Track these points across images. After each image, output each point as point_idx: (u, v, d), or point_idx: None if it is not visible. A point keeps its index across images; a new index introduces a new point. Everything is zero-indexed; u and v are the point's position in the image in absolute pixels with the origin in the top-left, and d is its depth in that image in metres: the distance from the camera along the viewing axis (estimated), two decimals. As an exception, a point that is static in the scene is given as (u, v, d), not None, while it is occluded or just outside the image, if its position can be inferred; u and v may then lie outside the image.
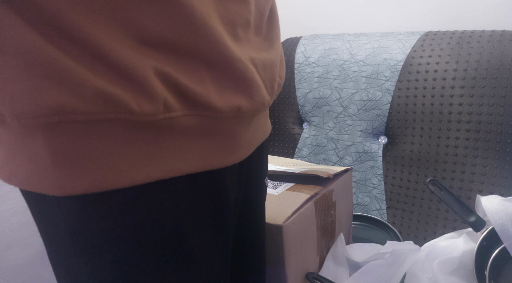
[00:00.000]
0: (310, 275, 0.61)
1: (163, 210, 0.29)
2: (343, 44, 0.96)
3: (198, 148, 0.30)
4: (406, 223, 0.85)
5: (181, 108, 0.27)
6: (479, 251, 0.59)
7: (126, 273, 0.29)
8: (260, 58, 0.34)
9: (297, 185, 0.64)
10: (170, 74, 0.26)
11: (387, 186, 0.88)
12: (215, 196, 0.34)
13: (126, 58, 0.24)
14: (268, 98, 0.35)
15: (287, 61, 1.03)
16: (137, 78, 0.25)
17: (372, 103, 0.89)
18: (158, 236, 0.29)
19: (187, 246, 0.31)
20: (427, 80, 0.82)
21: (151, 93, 0.25)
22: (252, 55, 0.32)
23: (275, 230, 0.54)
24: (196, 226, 0.32)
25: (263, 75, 0.34)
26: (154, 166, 0.27)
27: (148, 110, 0.25)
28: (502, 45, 0.76)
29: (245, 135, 0.35)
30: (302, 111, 1.01)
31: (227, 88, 0.30)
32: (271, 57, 0.36)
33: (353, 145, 0.93)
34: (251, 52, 0.33)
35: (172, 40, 0.26)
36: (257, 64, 0.33)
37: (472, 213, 0.63)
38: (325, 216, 0.64)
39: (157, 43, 0.25)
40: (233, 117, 0.31)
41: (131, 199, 0.28)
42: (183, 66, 0.27)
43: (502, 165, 0.75)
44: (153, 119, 0.26)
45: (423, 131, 0.83)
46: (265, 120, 0.43)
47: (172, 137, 0.28)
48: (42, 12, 0.22)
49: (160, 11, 0.25)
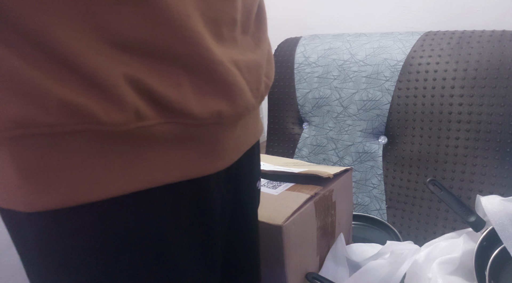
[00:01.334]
0: (310, 275, 0.61)
1: (142, 222, 0.28)
2: (343, 44, 0.96)
3: (177, 157, 0.28)
4: (406, 223, 0.85)
5: (155, 116, 0.26)
6: (479, 251, 0.59)
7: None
8: (244, 59, 0.32)
9: (297, 185, 0.64)
10: (143, 81, 0.25)
11: (387, 186, 0.88)
12: (199, 204, 0.32)
13: (94, 65, 0.23)
14: (252, 102, 0.33)
15: (287, 61, 1.03)
16: (106, 86, 0.23)
17: (372, 103, 0.89)
18: (137, 250, 0.28)
19: (170, 258, 0.30)
20: (427, 80, 0.82)
21: (121, 102, 0.24)
22: (236, 57, 0.31)
23: (275, 230, 0.54)
24: (179, 236, 0.31)
25: (247, 78, 0.32)
26: (128, 178, 0.26)
27: (118, 120, 0.24)
28: (502, 45, 0.76)
29: (230, 140, 0.33)
30: (302, 111, 1.01)
31: (207, 93, 0.28)
32: (256, 58, 0.35)
33: (353, 145, 0.93)
34: (235, 53, 0.31)
35: (147, 43, 0.25)
36: (241, 66, 0.32)
37: (472, 213, 0.63)
38: (325, 216, 0.64)
39: (131, 47, 0.24)
40: (215, 123, 0.30)
41: (106, 212, 0.26)
42: (158, 71, 0.25)
43: (502, 165, 0.75)
44: (125, 129, 0.25)
45: (423, 131, 0.83)
46: (254, 123, 0.41)
47: (147, 147, 0.27)
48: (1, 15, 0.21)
49: (133, 12, 0.23)
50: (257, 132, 0.43)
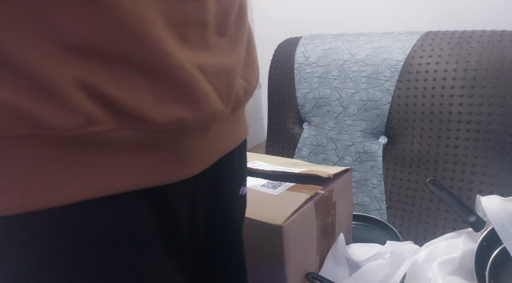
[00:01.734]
0: (310, 275, 0.61)
1: (98, 230, 0.27)
2: (343, 44, 0.96)
3: (135, 164, 0.27)
4: (406, 223, 0.85)
5: (110, 121, 0.25)
6: (479, 251, 0.59)
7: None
8: (213, 64, 0.31)
9: (297, 185, 0.64)
10: (96, 85, 0.24)
11: (387, 186, 0.88)
12: (162, 213, 0.31)
13: (42, 67, 0.22)
14: (221, 108, 0.32)
15: (287, 61, 1.03)
16: (54, 90, 0.22)
17: (372, 103, 0.89)
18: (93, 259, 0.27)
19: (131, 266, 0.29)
20: (427, 80, 0.82)
21: (70, 106, 0.23)
22: (202, 61, 0.30)
23: (275, 230, 0.54)
24: (140, 245, 0.29)
25: (215, 83, 0.31)
26: (80, 185, 0.25)
27: (67, 125, 0.23)
28: (502, 45, 0.76)
29: (197, 147, 0.32)
30: (302, 111, 1.01)
31: (167, 98, 0.27)
32: (229, 62, 0.33)
33: (353, 145, 0.93)
34: (203, 57, 0.30)
35: (101, 47, 0.23)
36: (208, 71, 0.30)
37: (472, 213, 0.63)
38: (325, 216, 0.64)
39: (83, 50, 0.23)
40: (177, 130, 0.28)
41: (58, 221, 0.25)
42: (113, 75, 0.24)
43: (502, 165, 0.75)
44: (75, 134, 0.23)
45: (423, 131, 0.83)
46: (232, 128, 0.39)
47: (101, 153, 0.25)
48: None
49: (85, 15, 0.22)
50: (236, 137, 0.40)
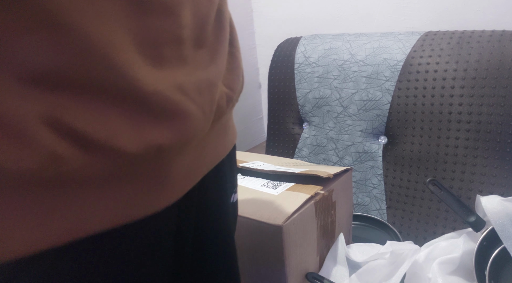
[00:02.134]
0: (310, 275, 0.61)
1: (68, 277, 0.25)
2: (343, 44, 0.96)
3: (111, 200, 0.25)
4: (406, 223, 0.85)
5: (79, 158, 0.22)
6: (479, 251, 0.59)
7: None
8: (193, 81, 0.28)
9: (297, 185, 0.64)
10: (61, 119, 0.21)
11: (387, 186, 0.88)
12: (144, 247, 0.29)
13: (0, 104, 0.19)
14: (202, 126, 0.29)
15: (287, 61, 1.03)
16: (13, 129, 0.19)
17: (372, 103, 0.89)
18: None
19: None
20: (427, 80, 0.82)
21: (33, 146, 0.20)
22: (182, 80, 0.27)
23: (275, 230, 0.54)
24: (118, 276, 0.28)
25: (198, 100, 0.28)
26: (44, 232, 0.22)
27: (29, 167, 0.20)
28: (502, 45, 0.76)
29: (178, 169, 0.30)
30: (302, 111, 1.01)
31: (143, 126, 0.24)
32: (209, 76, 0.31)
33: (353, 145, 0.93)
34: (182, 75, 0.27)
35: (66, 76, 0.21)
36: (188, 89, 0.27)
37: (472, 213, 0.63)
38: (325, 216, 0.64)
39: (45, 81, 0.21)
40: (155, 157, 0.26)
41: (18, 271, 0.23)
42: (81, 105, 0.22)
43: (502, 165, 0.75)
44: (40, 176, 0.21)
45: (423, 131, 0.83)
46: (216, 140, 0.36)
47: (69, 193, 0.23)
48: None
49: (46, 42, 0.20)
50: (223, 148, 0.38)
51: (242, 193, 0.63)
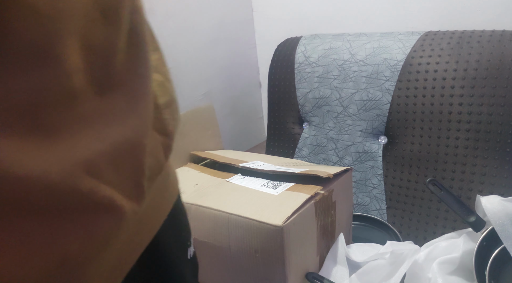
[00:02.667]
0: (310, 275, 0.61)
1: None
2: (343, 44, 0.96)
3: None
4: (406, 223, 0.85)
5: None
6: (479, 251, 0.59)
7: None
8: (103, 148, 0.20)
9: (297, 185, 0.64)
10: None
11: (387, 186, 0.88)
12: None
13: None
14: (129, 208, 0.22)
15: (288, 61, 1.03)
16: None
17: (372, 103, 0.89)
18: None
19: None
20: (427, 80, 0.82)
21: None
22: (85, 154, 0.19)
23: (275, 230, 0.54)
24: None
25: (114, 178, 0.21)
26: None
27: None
28: (502, 45, 0.76)
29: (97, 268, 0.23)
30: (302, 111, 1.01)
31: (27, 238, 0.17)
32: (129, 133, 0.22)
33: (353, 145, 0.93)
34: (85, 144, 0.19)
35: None
36: (99, 164, 0.20)
37: (472, 213, 0.63)
38: (325, 216, 0.64)
39: None
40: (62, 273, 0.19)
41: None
42: None
43: (502, 165, 0.75)
44: None
45: (423, 131, 0.83)
46: (155, 206, 0.29)
47: None
48: None
49: None
50: (164, 209, 0.31)
51: (242, 193, 0.63)
